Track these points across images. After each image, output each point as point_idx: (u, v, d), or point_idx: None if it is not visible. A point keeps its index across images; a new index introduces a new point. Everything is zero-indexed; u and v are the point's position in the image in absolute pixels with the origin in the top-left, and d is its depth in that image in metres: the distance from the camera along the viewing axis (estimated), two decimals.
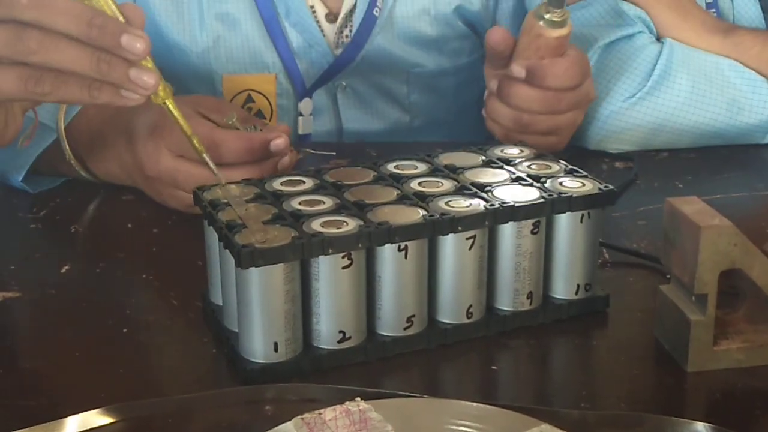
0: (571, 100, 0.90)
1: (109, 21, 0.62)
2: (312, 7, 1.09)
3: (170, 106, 0.66)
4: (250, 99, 1.10)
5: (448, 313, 0.65)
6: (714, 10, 1.09)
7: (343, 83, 1.11)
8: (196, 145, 0.67)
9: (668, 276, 0.65)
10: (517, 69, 0.88)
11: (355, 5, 1.08)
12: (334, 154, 0.97)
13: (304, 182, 0.68)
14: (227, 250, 0.61)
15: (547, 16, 0.87)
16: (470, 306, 0.65)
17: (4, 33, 0.61)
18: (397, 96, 1.14)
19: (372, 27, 1.09)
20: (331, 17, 1.09)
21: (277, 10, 1.07)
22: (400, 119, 1.15)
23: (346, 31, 1.09)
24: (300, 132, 1.12)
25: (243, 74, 1.09)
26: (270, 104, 1.11)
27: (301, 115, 1.11)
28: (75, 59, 0.61)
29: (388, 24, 1.10)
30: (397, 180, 0.69)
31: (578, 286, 0.68)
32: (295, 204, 0.64)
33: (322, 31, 1.09)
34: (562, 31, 0.87)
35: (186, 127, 0.67)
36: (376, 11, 1.09)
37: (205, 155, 0.66)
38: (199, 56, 1.06)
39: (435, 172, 0.71)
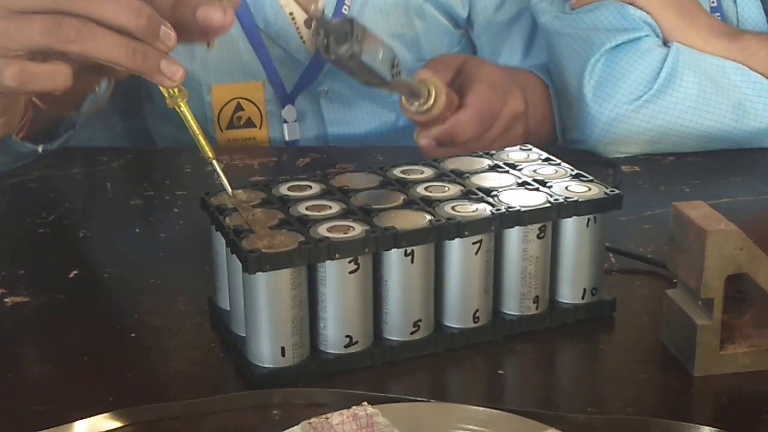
0: (495, 132, 0.88)
1: (153, 12, 0.62)
2: (291, 14, 1.10)
3: (185, 109, 0.65)
4: (239, 107, 1.11)
5: (455, 318, 0.65)
6: (718, 14, 1.09)
7: (325, 88, 1.12)
8: (208, 152, 0.65)
9: (675, 280, 0.65)
10: (426, 142, 0.86)
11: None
12: None
13: (310, 187, 0.69)
14: (234, 255, 0.61)
15: (413, 109, 0.84)
16: (477, 310, 0.65)
17: (44, 22, 0.61)
18: (378, 96, 1.13)
19: None
20: (310, 22, 1.10)
21: (255, 21, 1.08)
22: (384, 120, 1.15)
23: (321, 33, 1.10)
24: (287, 138, 1.13)
25: (231, 83, 1.09)
26: (260, 111, 1.11)
27: (285, 122, 1.12)
28: (112, 49, 0.62)
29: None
30: (404, 185, 0.69)
31: (584, 290, 0.68)
32: (301, 209, 0.64)
33: (301, 37, 1.10)
34: (435, 110, 0.84)
35: (199, 132, 0.65)
36: (345, 9, 1.09)
37: (215, 163, 0.65)
38: (186, 66, 1.07)
39: (441, 176, 0.71)
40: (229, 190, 0.65)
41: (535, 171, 0.71)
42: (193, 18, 0.64)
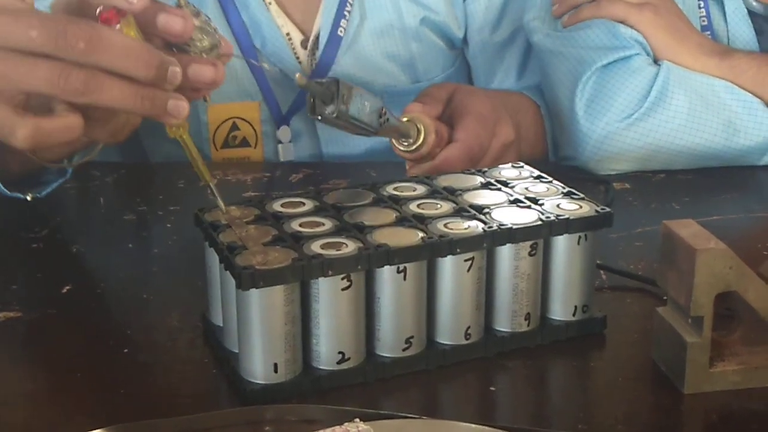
0: (485, 163, 0.89)
1: (161, 57, 0.59)
2: (288, 34, 1.10)
3: (186, 140, 0.64)
4: (235, 127, 1.11)
5: (447, 334, 0.65)
6: (709, 32, 1.11)
7: None
8: (207, 178, 0.65)
9: (665, 298, 0.66)
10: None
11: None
12: None
13: (304, 204, 0.69)
14: (228, 271, 0.61)
15: (402, 149, 0.85)
16: (468, 327, 0.65)
17: (49, 71, 0.57)
18: None
19: (337, 48, 1.10)
20: (306, 43, 1.11)
21: (253, 41, 1.09)
22: (379, 140, 1.16)
23: (317, 55, 1.10)
24: (281, 159, 1.13)
25: (227, 103, 1.10)
26: (255, 131, 1.12)
27: (280, 142, 1.12)
28: (119, 97, 0.59)
29: (355, 44, 1.11)
30: (396, 202, 0.69)
31: (576, 307, 0.68)
32: (295, 226, 0.65)
33: (297, 58, 1.10)
34: (424, 150, 0.85)
35: (198, 159, 0.65)
36: (341, 31, 1.10)
37: (212, 186, 0.65)
38: None
39: (433, 193, 0.71)
40: (223, 210, 0.65)
41: (527, 188, 0.72)
42: (184, 76, 0.62)
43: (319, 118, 0.70)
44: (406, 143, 0.85)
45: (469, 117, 0.88)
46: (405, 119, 0.85)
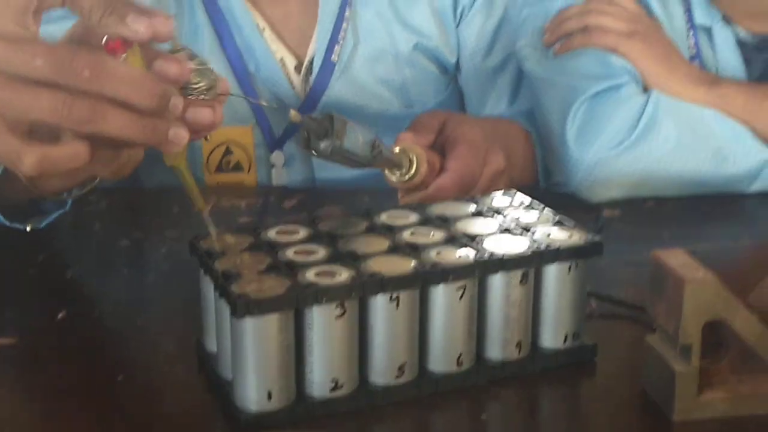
0: (477, 192, 0.89)
1: (164, 88, 0.60)
2: (281, 59, 1.11)
3: (183, 168, 0.65)
4: (228, 151, 1.12)
5: (439, 362, 0.66)
6: (698, 61, 1.12)
7: None
8: (201, 206, 0.65)
9: (655, 326, 0.66)
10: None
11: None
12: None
13: (298, 231, 0.70)
14: (223, 298, 0.62)
15: (394, 179, 0.86)
16: (460, 355, 0.66)
17: (53, 100, 0.57)
18: None
19: (331, 73, 1.11)
20: (300, 68, 1.12)
21: (247, 67, 1.10)
22: None
23: (310, 80, 1.12)
24: (274, 182, 1.14)
25: (221, 127, 1.10)
26: (248, 156, 1.12)
27: (273, 166, 1.13)
28: (123, 127, 0.59)
29: (349, 69, 1.12)
30: (390, 230, 0.70)
31: (566, 335, 0.69)
32: (289, 254, 0.66)
33: (291, 83, 1.12)
34: (416, 180, 0.85)
35: (195, 189, 0.65)
36: (334, 57, 1.11)
37: (205, 214, 0.66)
38: None
39: (426, 221, 0.72)
40: (215, 238, 0.66)
41: (518, 217, 0.73)
42: (183, 119, 0.62)
43: (314, 153, 0.70)
44: (398, 173, 0.86)
45: (461, 146, 0.89)
46: (397, 149, 0.86)
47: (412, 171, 0.85)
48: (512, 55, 1.18)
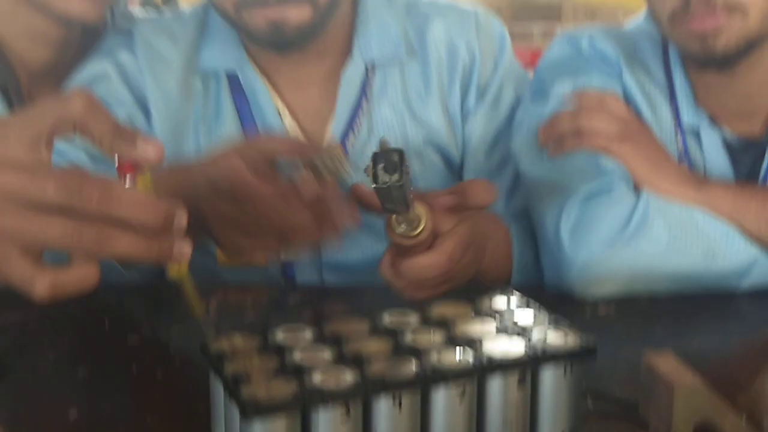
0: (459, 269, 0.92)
1: (168, 207, 0.62)
2: None
3: (185, 281, 0.68)
4: None
5: None
6: (686, 161, 1.16)
7: None
8: (199, 313, 0.69)
9: (649, 429, 0.69)
10: (389, 275, 0.91)
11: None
12: None
13: (304, 332, 0.73)
14: (232, 400, 0.65)
15: (399, 230, 0.87)
16: None
17: (63, 228, 0.60)
18: (374, 227, 1.18)
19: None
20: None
21: None
22: (378, 249, 1.19)
23: None
24: (282, 259, 1.16)
25: None
26: None
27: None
28: (129, 248, 0.62)
29: (362, 158, 1.16)
30: (392, 332, 0.73)
31: None
32: (296, 356, 0.68)
33: None
34: (422, 236, 0.87)
35: (195, 298, 0.69)
36: (350, 146, 1.15)
37: (204, 321, 0.69)
38: None
39: (426, 323, 0.75)
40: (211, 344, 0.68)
41: (515, 320, 0.76)
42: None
43: (383, 185, 0.71)
44: (404, 226, 0.87)
45: (450, 240, 0.90)
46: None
47: (421, 227, 0.86)
48: (510, 155, 1.22)
